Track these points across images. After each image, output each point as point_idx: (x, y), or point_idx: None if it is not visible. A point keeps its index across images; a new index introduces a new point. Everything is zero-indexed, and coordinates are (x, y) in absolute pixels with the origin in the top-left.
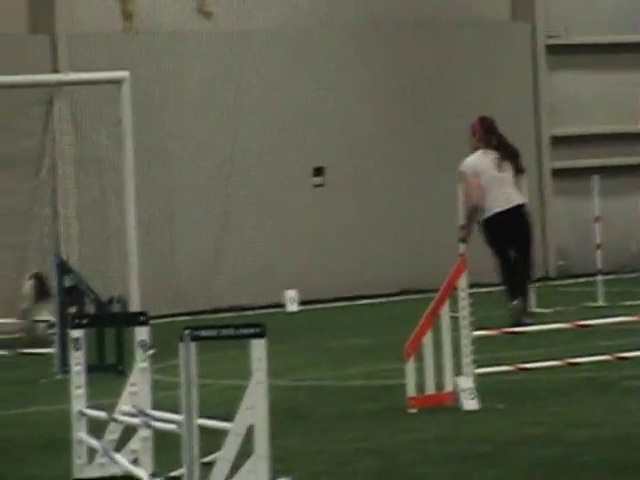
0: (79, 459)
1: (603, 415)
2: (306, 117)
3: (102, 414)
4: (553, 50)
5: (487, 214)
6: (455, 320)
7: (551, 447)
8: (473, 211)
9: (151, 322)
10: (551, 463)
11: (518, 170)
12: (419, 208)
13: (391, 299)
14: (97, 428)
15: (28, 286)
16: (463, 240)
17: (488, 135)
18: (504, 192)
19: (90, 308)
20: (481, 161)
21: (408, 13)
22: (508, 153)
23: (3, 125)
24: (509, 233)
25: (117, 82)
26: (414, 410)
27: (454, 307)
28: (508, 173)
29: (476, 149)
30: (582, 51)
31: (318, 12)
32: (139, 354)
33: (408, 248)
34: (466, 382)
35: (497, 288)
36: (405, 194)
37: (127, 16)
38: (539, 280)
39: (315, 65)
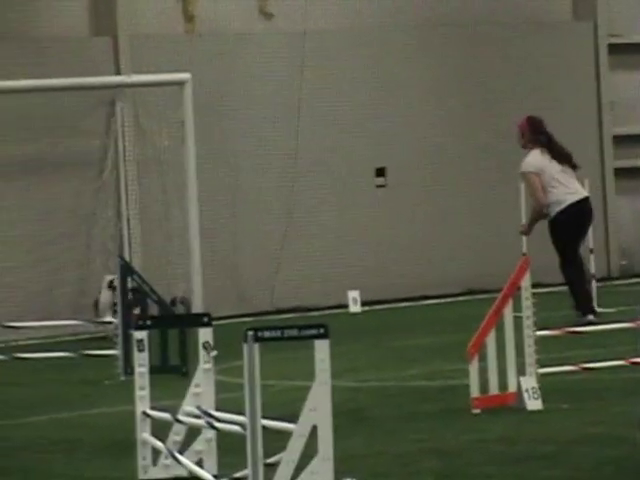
0: (143, 460)
1: None
2: (368, 117)
3: (166, 415)
4: (615, 49)
5: (558, 208)
6: (518, 320)
7: (615, 447)
8: (539, 212)
9: (214, 323)
10: (615, 463)
11: (574, 168)
12: (484, 207)
13: (456, 299)
14: (161, 429)
15: (107, 295)
16: (524, 233)
17: (536, 135)
18: (571, 185)
19: (153, 309)
20: (541, 158)
21: (471, 13)
22: (560, 153)
23: (66, 127)
24: (581, 226)
25: (179, 84)
26: (477, 410)
27: (517, 307)
28: (569, 167)
29: (525, 148)
30: None
31: (380, 12)
32: (203, 355)
33: (473, 247)
34: (529, 382)
35: (560, 288)
36: (469, 194)
37: (189, 18)
38: (601, 280)
39: (377, 65)
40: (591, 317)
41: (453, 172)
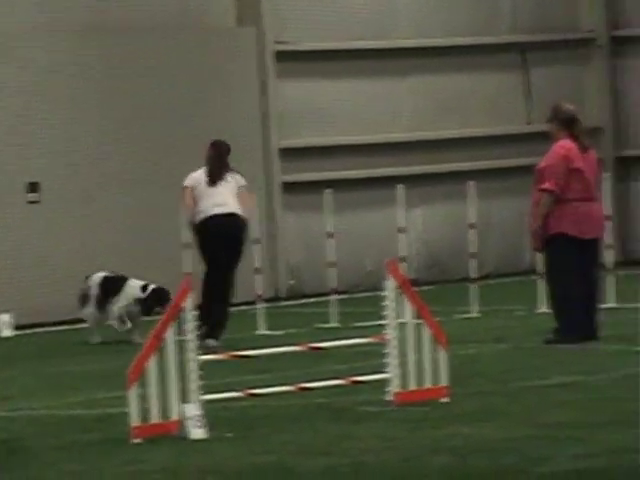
0: None
1: (337, 443)
2: (18, 128)
3: None
4: (282, 57)
5: (200, 217)
6: (181, 344)
7: (283, 477)
8: (188, 223)
9: None
10: None
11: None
12: (144, 223)
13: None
14: None
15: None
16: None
17: (218, 161)
18: (217, 201)
19: None
20: (199, 174)
21: (127, 19)
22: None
23: None
24: (220, 239)
25: None
26: (138, 440)
27: (180, 330)
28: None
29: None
30: (312, 58)
31: (28, 16)
32: None
33: (133, 265)
34: (193, 409)
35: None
36: (127, 209)
37: None
38: (269, 300)
39: (26, 72)
40: (212, 342)
41: (111, 186)
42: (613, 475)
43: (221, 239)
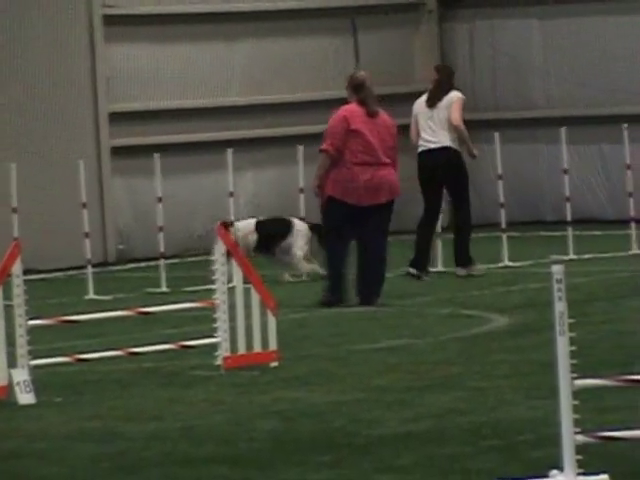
0: None
1: (167, 407)
2: None
3: None
4: (110, 20)
5: (418, 151)
6: (9, 309)
7: (111, 442)
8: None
9: None
10: (111, 459)
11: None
12: None
13: None
14: None
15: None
16: None
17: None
18: (428, 134)
19: None
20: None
21: None
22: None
23: None
24: (429, 177)
25: None
26: None
27: (8, 295)
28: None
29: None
30: (142, 22)
31: None
32: None
33: None
34: (21, 374)
35: (51, 275)
36: None
37: None
38: (97, 265)
39: None
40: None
41: None
42: (439, 437)
43: (429, 177)
